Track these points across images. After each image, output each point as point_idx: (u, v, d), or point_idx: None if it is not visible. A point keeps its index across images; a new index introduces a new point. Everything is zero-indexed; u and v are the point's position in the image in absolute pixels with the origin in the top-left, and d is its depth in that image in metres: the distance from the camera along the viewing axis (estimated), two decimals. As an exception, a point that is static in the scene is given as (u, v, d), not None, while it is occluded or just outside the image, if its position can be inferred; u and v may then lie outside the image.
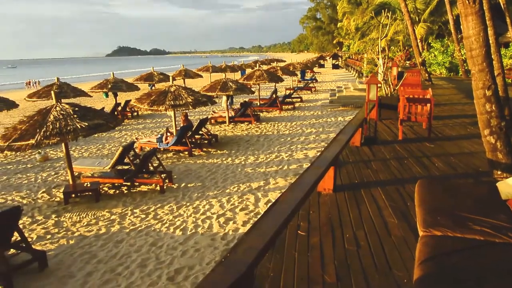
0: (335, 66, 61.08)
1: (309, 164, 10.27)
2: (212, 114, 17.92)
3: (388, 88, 16.36)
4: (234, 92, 16.18)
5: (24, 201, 8.98)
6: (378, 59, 17.26)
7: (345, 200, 5.12)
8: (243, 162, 11.30)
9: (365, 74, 29.82)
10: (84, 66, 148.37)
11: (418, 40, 23.30)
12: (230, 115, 17.12)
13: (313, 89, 29.91)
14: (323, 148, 11.96)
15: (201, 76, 29.14)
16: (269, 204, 8.18)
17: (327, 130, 15.30)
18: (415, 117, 8.82)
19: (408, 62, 33.25)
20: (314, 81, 35.60)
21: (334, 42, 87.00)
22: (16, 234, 6.25)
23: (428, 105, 8.65)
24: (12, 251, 6.33)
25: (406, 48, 36.44)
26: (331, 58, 68.42)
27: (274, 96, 21.63)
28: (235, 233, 7.04)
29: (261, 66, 27.04)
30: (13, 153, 12.97)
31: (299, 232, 4.26)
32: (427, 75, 20.17)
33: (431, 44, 28.45)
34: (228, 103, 17.24)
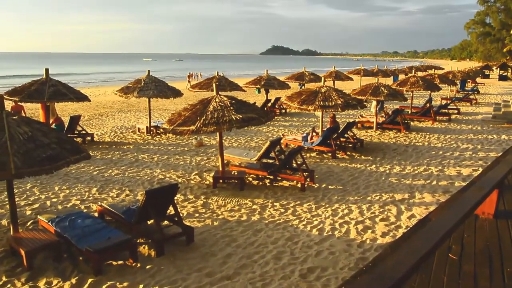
0: (503, 78, 54.50)
1: (463, 183, 9.38)
2: (359, 118, 17.53)
3: None
4: (386, 98, 15.57)
5: (179, 180, 9.95)
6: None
7: (508, 228, 4.52)
8: (387, 171, 10.82)
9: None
10: (240, 62, 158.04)
11: None
12: (378, 121, 16.54)
13: (473, 101, 27.16)
14: (480, 167, 10.83)
15: (351, 79, 28.73)
16: (412, 219, 7.72)
17: (487, 148, 13.76)
18: None
19: None
20: (476, 92, 32.29)
21: (504, 50, 77.50)
22: (171, 208, 6.96)
23: None
24: (165, 222, 7.04)
25: None
26: (498, 69, 61.25)
27: (428, 105, 20.23)
28: (373, 243, 6.78)
29: (417, 72, 25.48)
30: (174, 136, 14.48)
31: (450, 255, 3.90)
32: None
33: None
34: (377, 109, 16.68)
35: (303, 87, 24.46)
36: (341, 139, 13.16)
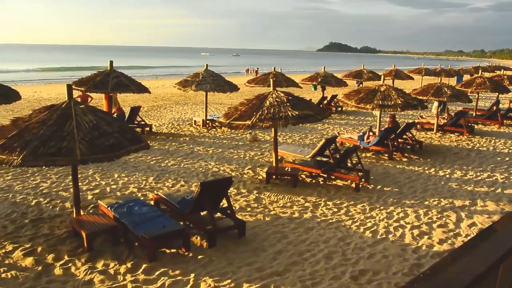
0: None
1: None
2: (419, 119, 16.89)
3: None
4: (448, 99, 14.87)
5: (233, 174, 10.06)
6: None
7: None
8: (447, 176, 10.35)
9: None
10: (297, 59, 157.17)
11: None
12: (439, 123, 15.85)
13: (546, 106, 25.34)
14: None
15: (412, 78, 27.76)
16: (473, 227, 7.34)
17: (560, 156, 12.80)
18: None
19: None
20: (549, 96, 30.10)
21: None
22: (223, 201, 7.05)
23: None
24: (218, 214, 7.14)
25: None
26: None
27: (495, 108, 19.12)
28: (429, 250, 6.51)
29: (483, 73, 24.14)
30: (229, 130, 14.65)
31: (516, 268, 3.66)
32: None
33: None
34: (439, 110, 15.99)
35: (360, 85, 23.94)
36: (399, 140, 12.74)
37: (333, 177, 9.69)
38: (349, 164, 9.76)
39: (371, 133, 12.40)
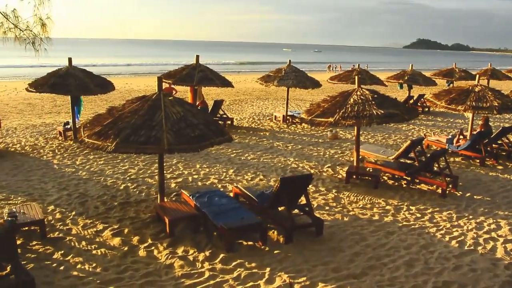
0: None
1: None
2: (516, 124, 15.52)
3: None
4: (554, 102, 13.46)
5: (312, 171, 9.95)
6: None
7: None
8: (549, 187, 9.40)
9: None
10: (381, 55, 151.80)
11: None
12: (541, 129, 14.41)
13: None
14: None
15: (510, 79, 25.60)
16: None
17: None
18: None
19: None
20: None
21: None
22: (302, 198, 6.99)
23: None
24: (295, 211, 7.10)
25: None
26: None
27: None
28: (525, 267, 5.95)
29: None
30: (309, 126, 14.54)
31: None
32: None
33: None
34: (541, 114, 14.55)
35: (451, 85, 22.54)
36: (494, 145, 11.78)
37: (418, 180, 9.20)
38: (435, 168, 9.22)
39: (461, 137, 11.61)
